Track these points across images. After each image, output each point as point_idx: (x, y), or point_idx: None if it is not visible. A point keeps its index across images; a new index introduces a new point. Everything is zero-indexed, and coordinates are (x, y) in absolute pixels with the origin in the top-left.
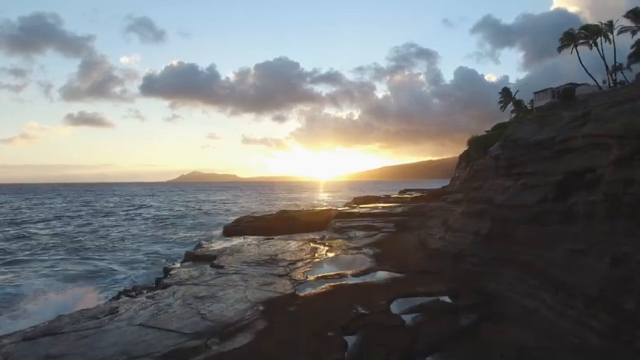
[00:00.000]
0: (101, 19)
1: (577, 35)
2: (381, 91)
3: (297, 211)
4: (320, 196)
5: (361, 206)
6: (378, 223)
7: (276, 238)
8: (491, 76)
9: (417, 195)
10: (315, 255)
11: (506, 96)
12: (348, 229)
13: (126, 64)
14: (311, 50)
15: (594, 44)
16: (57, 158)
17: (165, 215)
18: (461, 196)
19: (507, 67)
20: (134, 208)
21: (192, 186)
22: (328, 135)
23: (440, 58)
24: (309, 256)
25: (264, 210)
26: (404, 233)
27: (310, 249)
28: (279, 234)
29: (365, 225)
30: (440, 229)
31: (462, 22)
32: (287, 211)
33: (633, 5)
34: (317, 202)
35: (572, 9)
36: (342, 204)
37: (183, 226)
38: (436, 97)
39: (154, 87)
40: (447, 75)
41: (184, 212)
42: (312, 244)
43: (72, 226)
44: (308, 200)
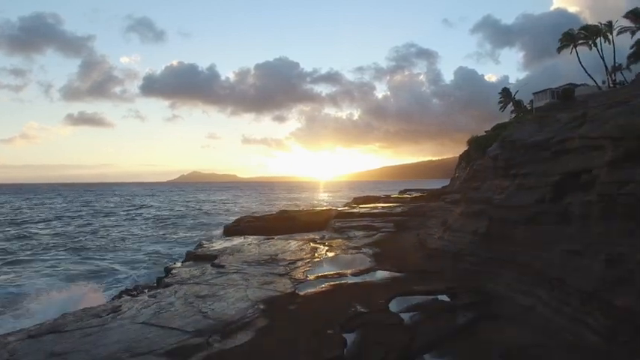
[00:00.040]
0: (101, 19)
1: (576, 36)
2: (380, 91)
3: (297, 211)
4: (320, 196)
5: (361, 206)
6: (378, 223)
7: (277, 238)
8: (491, 76)
9: (416, 195)
10: (315, 254)
11: (506, 96)
12: (348, 229)
13: (126, 64)
14: (311, 50)
15: (594, 45)
16: (57, 158)
17: (166, 215)
18: (459, 196)
19: (507, 67)
20: (134, 208)
21: (192, 186)
22: (328, 135)
23: (440, 58)
24: (309, 255)
25: (264, 210)
26: (403, 233)
27: (310, 249)
28: (279, 234)
29: (365, 225)
30: (439, 229)
31: (462, 22)
32: (287, 211)
33: (633, 5)
34: (317, 202)
35: (572, 9)
36: (341, 204)
37: (183, 226)
38: (436, 97)
39: (153, 87)
40: (447, 75)
41: (185, 212)
42: (312, 244)
43: (73, 226)
44: (308, 200)
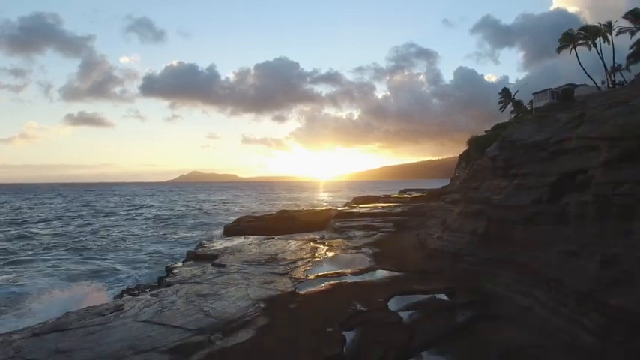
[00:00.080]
0: (101, 19)
1: (576, 36)
2: (380, 91)
3: (297, 211)
4: (320, 196)
5: (361, 206)
6: (378, 222)
7: (277, 238)
8: (490, 76)
9: (416, 195)
10: (315, 254)
11: (505, 96)
12: (348, 228)
13: (126, 64)
14: (311, 50)
15: (593, 45)
16: (57, 158)
17: (166, 215)
18: (459, 196)
19: (507, 67)
20: (135, 208)
21: (192, 186)
22: (328, 135)
23: (440, 58)
24: (309, 255)
25: (264, 210)
26: (403, 233)
27: (310, 248)
28: (280, 234)
29: (364, 225)
30: (438, 229)
31: (462, 22)
32: (287, 211)
33: (633, 6)
34: (317, 202)
35: (571, 9)
36: (341, 204)
37: (184, 226)
38: (436, 97)
39: (153, 87)
40: (447, 75)
41: (185, 212)
42: (312, 244)
43: (73, 226)
44: (308, 200)
